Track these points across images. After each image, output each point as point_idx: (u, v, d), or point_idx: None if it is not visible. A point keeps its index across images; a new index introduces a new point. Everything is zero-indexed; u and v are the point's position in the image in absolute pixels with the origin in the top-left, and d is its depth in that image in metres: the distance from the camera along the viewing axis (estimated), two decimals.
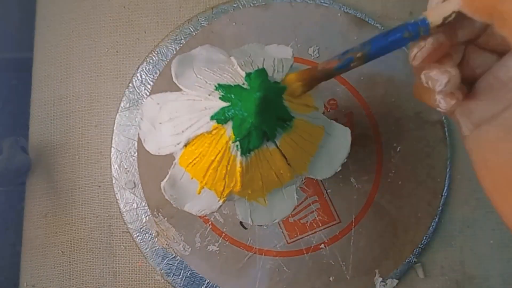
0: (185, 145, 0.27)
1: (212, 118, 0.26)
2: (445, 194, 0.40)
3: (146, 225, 0.40)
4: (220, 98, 0.26)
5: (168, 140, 0.27)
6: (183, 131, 0.27)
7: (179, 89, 0.28)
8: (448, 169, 0.40)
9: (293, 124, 0.27)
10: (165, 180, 0.28)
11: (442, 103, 0.24)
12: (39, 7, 0.45)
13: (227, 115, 0.25)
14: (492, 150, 0.22)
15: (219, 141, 0.26)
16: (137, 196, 0.40)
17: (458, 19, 0.22)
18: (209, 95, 0.26)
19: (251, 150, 0.26)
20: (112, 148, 0.41)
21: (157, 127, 0.28)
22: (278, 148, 0.27)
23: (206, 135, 0.26)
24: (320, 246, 0.39)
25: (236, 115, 0.25)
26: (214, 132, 0.26)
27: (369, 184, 0.40)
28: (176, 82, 0.28)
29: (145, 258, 0.40)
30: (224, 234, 0.39)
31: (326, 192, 0.40)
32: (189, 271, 0.39)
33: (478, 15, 0.21)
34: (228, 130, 0.26)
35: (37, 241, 0.41)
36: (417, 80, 0.25)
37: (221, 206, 0.28)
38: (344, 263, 0.39)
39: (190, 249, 0.39)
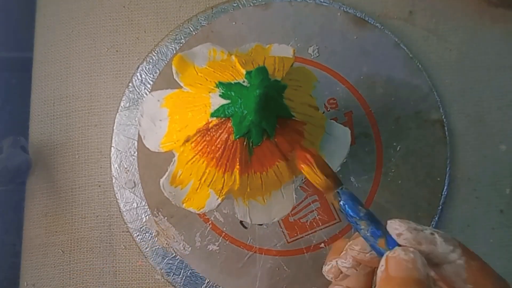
0: (185, 143, 0.27)
1: (212, 115, 0.26)
2: (445, 193, 0.40)
3: (146, 225, 0.40)
4: (220, 95, 0.26)
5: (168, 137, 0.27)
6: (182, 128, 0.27)
7: (180, 86, 0.28)
8: (448, 168, 0.40)
9: None
10: (164, 177, 0.28)
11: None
12: (39, 7, 0.45)
13: (227, 112, 0.25)
14: None
15: (218, 139, 0.26)
16: (137, 196, 0.40)
17: None
18: (209, 92, 0.26)
19: (250, 148, 0.26)
20: (112, 148, 0.41)
21: (157, 124, 0.28)
22: (277, 146, 0.27)
23: (206, 133, 0.26)
24: (320, 246, 0.39)
25: (236, 113, 0.25)
26: (213, 129, 0.26)
27: (369, 183, 0.40)
28: (176, 79, 0.28)
29: (145, 257, 0.40)
30: (224, 233, 0.39)
31: None
32: (189, 271, 0.39)
33: None
34: (228, 127, 0.26)
35: (37, 240, 0.41)
36: None
37: (220, 204, 0.28)
38: None
39: (190, 248, 0.39)
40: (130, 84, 0.42)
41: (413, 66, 0.41)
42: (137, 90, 0.42)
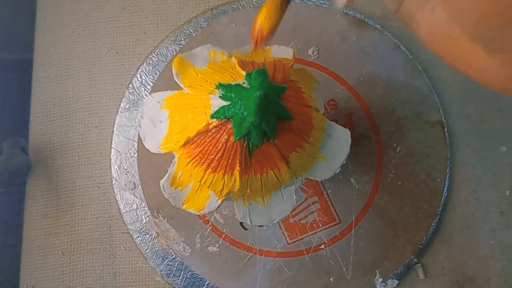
0: (185, 144, 0.27)
1: (212, 117, 0.26)
2: (445, 194, 0.40)
3: (146, 226, 0.40)
4: (220, 97, 0.26)
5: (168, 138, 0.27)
6: (182, 130, 0.27)
7: (180, 88, 0.28)
8: (448, 170, 0.40)
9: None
10: (164, 178, 0.28)
11: None
12: (39, 8, 0.45)
13: (227, 114, 0.25)
14: (415, 20, 0.22)
15: (219, 140, 0.26)
16: (137, 197, 0.40)
17: None
18: (209, 93, 0.26)
19: (250, 150, 0.26)
20: (112, 149, 0.41)
21: (157, 126, 0.28)
22: (277, 148, 0.27)
23: (206, 134, 0.26)
24: (320, 247, 0.39)
25: (236, 114, 0.25)
26: (213, 131, 0.26)
27: (369, 184, 0.40)
28: (176, 80, 0.28)
29: (145, 259, 0.40)
30: (224, 235, 0.39)
31: (326, 193, 0.40)
32: (189, 272, 0.39)
33: None
34: (228, 129, 0.26)
35: (37, 242, 0.41)
36: None
37: (220, 205, 0.28)
38: (344, 263, 0.39)
39: (190, 250, 0.39)
40: (130, 85, 0.42)
41: (413, 68, 0.41)
42: (137, 91, 0.42)
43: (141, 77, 0.42)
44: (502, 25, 0.18)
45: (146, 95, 0.41)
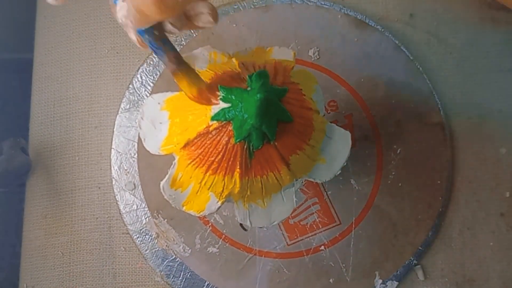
0: (185, 146, 0.27)
1: (212, 119, 0.26)
2: (445, 196, 0.40)
3: (146, 227, 0.40)
4: (221, 99, 0.26)
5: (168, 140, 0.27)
6: (183, 132, 0.27)
7: (180, 89, 0.28)
8: (448, 171, 0.40)
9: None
10: (164, 180, 0.28)
11: None
12: (39, 8, 0.45)
13: (227, 116, 0.25)
14: None
15: (219, 142, 0.26)
16: (137, 198, 0.40)
17: None
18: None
19: (251, 152, 0.26)
20: (112, 150, 0.41)
21: (158, 127, 0.28)
22: (278, 150, 0.27)
23: (206, 136, 0.26)
24: (320, 248, 0.39)
25: (236, 116, 0.25)
26: (214, 133, 0.26)
27: (369, 186, 0.40)
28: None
29: (145, 259, 0.40)
30: (224, 235, 0.39)
31: (326, 194, 0.40)
32: (189, 273, 0.39)
33: None
34: (228, 131, 0.26)
35: (37, 242, 0.41)
36: None
37: (220, 207, 0.28)
38: (344, 265, 0.39)
39: (190, 250, 0.39)
40: (131, 86, 0.42)
41: (413, 69, 0.41)
42: (138, 92, 0.42)
43: (141, 77, 0.42)
44: None
45: (146, 96, 0.41)
